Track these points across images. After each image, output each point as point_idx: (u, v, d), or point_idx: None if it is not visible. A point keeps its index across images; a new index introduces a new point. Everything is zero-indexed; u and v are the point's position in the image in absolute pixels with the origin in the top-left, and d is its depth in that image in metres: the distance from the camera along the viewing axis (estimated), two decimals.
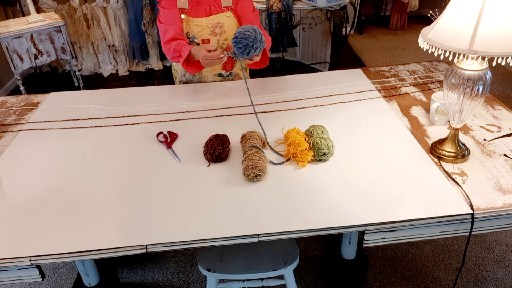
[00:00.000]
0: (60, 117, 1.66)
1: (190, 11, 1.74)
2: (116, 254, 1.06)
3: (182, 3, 1.73)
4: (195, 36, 1.77)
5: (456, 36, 1.09)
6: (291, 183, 1.24)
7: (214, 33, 1.76)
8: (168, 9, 1.73)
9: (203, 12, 1.74)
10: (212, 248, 1.46)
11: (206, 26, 1.75)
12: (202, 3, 1.74)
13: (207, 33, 1.76)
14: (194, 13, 1.74)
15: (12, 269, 1.08)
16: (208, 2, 1.74)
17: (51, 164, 1.38)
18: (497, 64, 1.07)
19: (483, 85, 1.16)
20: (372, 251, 2.06)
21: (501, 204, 1.13)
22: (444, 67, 1.94)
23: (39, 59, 3.28)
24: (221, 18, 1.75)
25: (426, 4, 5.14)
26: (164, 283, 1.95)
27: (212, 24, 1.75)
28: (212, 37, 1.77)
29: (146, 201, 1.20)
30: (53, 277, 2.01)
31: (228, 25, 1.77)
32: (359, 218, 1.10)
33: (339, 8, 3.40)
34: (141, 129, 1.56)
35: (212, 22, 1.74)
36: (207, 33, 1.76)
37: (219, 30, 1.76)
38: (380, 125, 1.50)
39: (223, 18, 1.75)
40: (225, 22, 1.76)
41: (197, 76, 1.90)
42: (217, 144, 1.33)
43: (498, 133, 1.44)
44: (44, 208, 1.19)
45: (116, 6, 3.96)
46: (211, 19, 1.74)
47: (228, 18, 1.76)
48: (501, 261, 2.00)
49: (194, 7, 1.74)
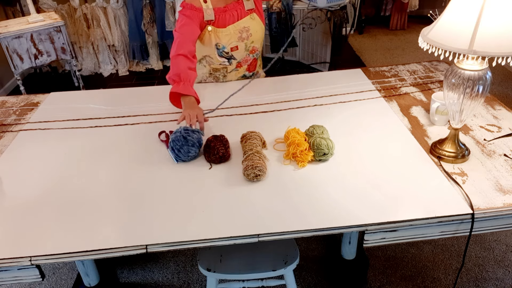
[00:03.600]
0: (60, 117, 1.66)
1: (217, 22, 1.70)
2: (116, 254, 1.06)
3: (209, 14, 1.68)
4: (224, 46, 1.75)
5: (456, 36, 1.09)
6: (291, 183, 1.24)
7: (241, 38, 1.75)
8: (189, 19, 1.64)
9: (231, 19, 1.72)
10: (212, 248, 1.46)
11: (234, 33, 1.73)
12: (229, 10, 1.71)
13: (235, 40, 1.74)
14: (221, 22, 1.71)
15: (12, 269, 1.08)
16: (234, 7, 1.72)
17: (51, 164, 1.38)
18: (497, 64, 1.07)
19: (483, 85, 1.16)
20: (372, 251, 2.06)
21: (501, 204, 1.13)
22: (444, 67, 1.94)
23: (39, 59, 3.28)
24: (247, 22, 1.73)
25: (426, 4, 5.14)
26: (164, 283, 1.95)
27: (239, 30, 1.73)
28: (240, 43, 1.76)
29: (146, 201, 1.20)
30: (53, 277, 2.01)
31: (254, 27, 1.76)
32: (359, 218, 1.10)
33: (339, 8, 3.40)
34: (141, 129, 1.56)
35: (238, 27, 1.72)
36: (235, 40, 1.74)
37: (246, 34, 1.75)
38: (380, 125, 1.50)
39: (248, 22, 1.74)
40: (250, 25, 1.75)
41: (221, 79, 1.89)
42: (218, 145, 1.33)
43: (498, 133, 1.44)
44: (44, 208, 1.19)
45: (116, 6, 3.96)
46: (237, 25, 1.72)
47: (253, 20, 1.75)
48: (501, 261, 2.00)
49: (221, 16, 1.70)
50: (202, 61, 1.83)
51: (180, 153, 1.33)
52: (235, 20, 1.72)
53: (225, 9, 1.70)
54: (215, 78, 1.89)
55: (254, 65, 1.91)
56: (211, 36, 1.71)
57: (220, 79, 1.89)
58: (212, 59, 1.80)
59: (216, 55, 1.78)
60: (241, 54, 1.80)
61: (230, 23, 1.71)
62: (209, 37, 1.72)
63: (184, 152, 1.33)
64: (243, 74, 1.90)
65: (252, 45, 1.80)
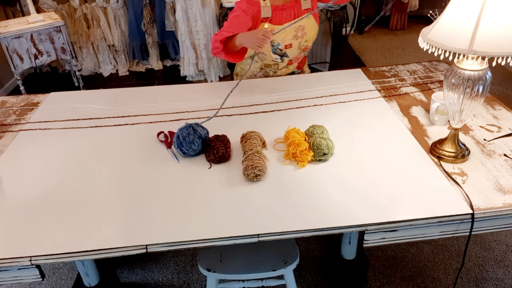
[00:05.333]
0: (60, 117, 1.67)
1: (274, 19, 1.72)
2: (116, 254, 1.06)
3: (266, 12, 1.71)
4: (279, 43, 1.77)
5: (456, 36, 1.09)
6: (291, 183, 1.24)
7: (296, 36, 1.77)
8: (244, 13, 1.67)
9: (288, 17, 1.74)
10: (212, 248, 1.46)
11: (289, 31, 1.75)
12: (287, 8, 1.73)
13: (290, 38, 1.77)
14: (278, 20, 1.73)
15: (12, 269, 1.08)
16: (291, 6, 1.74)
17: (51, 164, 1.38)
18: (497, 64, 1.07)
19: (483, 85, 1.16)
20: (372, 251, 2.06)
21: (501, 204, 1.13)
22: (444, 67, 1.94)
23: (39, 59, 3.28)
24: (303, 21, 1.74)
25: (426, 4, 5.14)
26: (164, 283, 1.95)
27: (295, 28, 1.75)
28: (294, 41, 1.78)
29: (146, 201, 1.20)
30: (53, 277, 2.01)
31: (309, 27, 1.78)
32: (359, 218, 1.10)
33: (339, 8, 3.40)
34: (141, 129, 1.56)
35: (295, 26, 1.74)
36: (289, 38, 1.77)
37: (301, 33, 1.77)
38: (380, 125, 1.50)
39: (304, 21, 1.75)
40: (306, 24, 1.76)
41: (271, 74, 1.92)
42: (219, 144, 1.33)
43: (498, 133, 1.44)
44: (44, 208, 1.19)
45: (116, 6, 3.96)
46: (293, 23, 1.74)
47: (308, 19, 1.76)
48: (501, 261, 2.00)
49: (278, 14, 1.72)
50: (254, 57, 1.85)
51: (185, 142, 1.33)
52: (291, 19, 1.74)
53: (283, 7, 1.73)
54: (265, 73, 1.93)
55: (303, 63, 1.94)
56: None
57: (270, 75, 1.93)
58: (265, 56, 1.83)
59: (270, 52, 1.80)
60: (294, 52, 1.84)
61: (287, 21, 1.74)
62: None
63: (187, 142, 1.33)
64: (292, 71, 1.94)
65: (305, 44, 1.83)
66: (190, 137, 1.33)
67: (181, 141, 1.34)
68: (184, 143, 1.33)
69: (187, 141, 1.33)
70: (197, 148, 1.35)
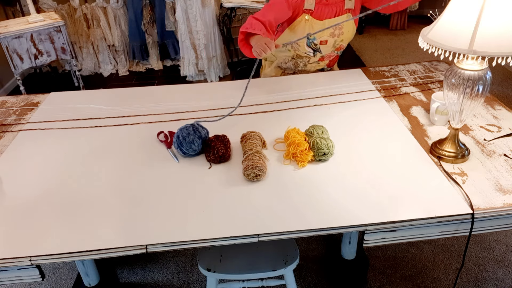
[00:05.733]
0: (60, 117, 1.67)
1: (315, 13, 1.73)
2: (116, 254, 1.06)
3: (310, 4, 1.71)
4: (315, 38, 1.77)
5: (456, 36, 1.09)
6: (291, 183, 1.24)
7: (333, 34, 1.78)
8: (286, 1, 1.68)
9: (330, 13, 1.74)
10: (212, 248, 1.46)
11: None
12: (330, 4, 1.73)
13: (327, 34, 1.77)
14: (319, 15, 1.73)
15: (12, 269, 1.08)
16: (335, 3, 1.73)
17: (51, 164, 1.38)
18: (497, 64, 1.07)
19: (483, 85, 1.16)
20: (372, 251, 2.06)
21: (501, 204, 1.13)
22: (444, 67, 1.94)
23: (39, 59, 3.28)
24: (342, 19, 1.74)
25: (426, 4, 5.14)
26: (164, 283, 1.95)
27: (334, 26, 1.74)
28: (330, 38, 1.79)
29: (146, 201, 1.20)
30: (53, 277, 2.01)
31: (347, 27, 1.78)
32: (359, 218, 1.10)
33: None
34: (141, 129, 1.56)
35: (332, 23, 1.73)
36: (326, 34, 1.77)
37: (338, 32, 1.77)
38: (380, 125, 1.50)
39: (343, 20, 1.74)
40: (345, 24, 1.76)
41: (301, 66, 1.93)
42: (219, 144, 1.33)
43: (498, 133, 1.44)
44: (44, 208, 1.19)
45: (116, 6, 3.96)
46: (333, 21, 1.74)
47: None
48: (501, 261, 2.00)
49: (320, 9, 1.73)
50: (288, 46, 1.85)
51: (185, 142, 1.33)
52: (332, 16, 1.74)
53: (327, 3, 1.73)
54: (295, 64, 1.93)
55: (334, 61, 1.95)
56: (306, 25, 1.74)
57: (299, 67, 1.93)
58: (299, 46, 1.83)
59: (305, 44, 1.81)
60: (328, 49, 1.84)
61: (327, 17, 1.74)
62: (303, 26, 1.75)
63: (187, 142, 1.33)
64: (322, 67, 1.95)
65: (340, 43, 1.84)
66: (190, 137, 1.33)
67: (181, 141, 1.34)
68: (184, 143, 1.33)
69: (187, 141, 1.33)
70: (197, 148, 1.35)
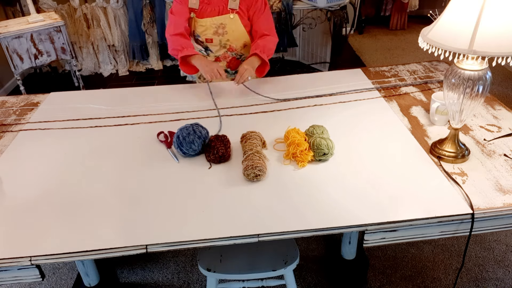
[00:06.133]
0: (60, 117, 1.67)
1: (199, 12, 1.78)
2: (116, 254, 1.06)
3: (193, 3, 1.77)
4: (199, 35, 1.83)
5: (456, 36, 1.09)
6: (291, 183, 1.24)
7: (217, 33, 1.81)
8: (180, 3, 1.78)
9: (212, 12, 1.78)
10: (212, 248, 1.46)
11: (210, 26, 1.80)
12: (212, 4, 1.77)
13: (210, 33, 1.81)
14: (202, 13, 1.79)
15: (12, 269, 1.08)
16: (217, 2, 1.77)
17: (51, 164, 1.38)
18: (497, 64, 1.07)
19: (483, 85, 1.16)
20: (372, 251, 2.06)
21: (501, 204, 1.13)
22: (444, 67, 1.94)
23: (39, 59, 3.28)
24: (225, 19, 1.79)
25: (426, 4, 5.14)
26: (164, 283, 1.95)
27: (216, 25, 1.79)
28: (215, 37, 1.83)
29: (146, 201, 1.20)
30: (53, 277, 2.01)
31: (231, 27, 1.81)
32: (359, 218, 1.10)
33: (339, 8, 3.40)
34: (141, 129, 1.56)
35: (216, 22, 1.79)
36: (210, 33, 1.81)
37: (222, 31, 1.81)
38: (380, 125, 1.50)
39: (227, 20, 1.79)
40: (228, 23, 1.80)
41: None
42: (219, 144, 1.33)
43: (498, 133, 1.44)
44: (44, 208, 1.19)
45: (116, 6, 3.96)
46: (216, 19, 1.78)
47: (231, 20, 1.79)
48: (501, 261, 2.00)
49: (204, 8, 1.78)
50: None
51: (185, 142, 1.33)
52: (214, 15, 1.79)
53: (209, 2, 1.77)
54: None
55: (235, 64, 1.95)
56: (192, 23, 1.82)
57: None
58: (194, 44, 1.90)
59: (194, 42, 1.89)
60: (217, 48, 1.88)
61: (210, 15, 1.79)
62: (192, 24, 1.83)
63: (187, 142, 1.33)
64: (225, 69, 1.96)
65: (228, 43, 1.86)
66: (190, 137, 1.33)
67: (181, 141, 1.34)
68: (184, 143, 1.34)
69: (187, 141, 1.33)
70: (197, 148, 1.35)
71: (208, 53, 1.91)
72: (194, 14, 1.79)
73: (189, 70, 1.82)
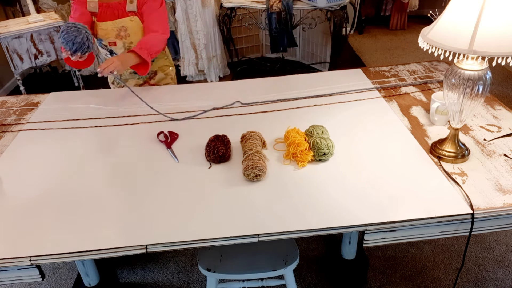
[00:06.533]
0: (60, 117, 1.67)
1: (99, 15, 1.79)
2: (116, 254, 1.06)
3: (92, 7, 1.77)
4: (102, 39, 1.84)
5: (456, 36, 1.09)
6: (291, 183, 1.24)
7: (119, 36, 1.82)
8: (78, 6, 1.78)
9: (112, 15, 1.79)
10: (212, 248, 1.46)
11: (112, 29, 1.80)
12: (111, 7, 1.78)
13: (113, 36, 1.82)
14: (103, 17, 1.79)
15: (12, 269, 1.08)
16: (116, 6, 1.78)
17: (51, 164, 1.38)
18: (497, 64, 1.07)
19: (483, 85, 1.16)
20: (372, 251, 2.06)
21: (501, 204, 1.13)
22: (444, 67, 1.94)
23: (39, 59, 3.28)
24: (126, 22, 1.79)
25: (426, 4, 5.14)
26: (164, 283, 1.95)
27: (117, 28, 1.80)
28: (118, 40, 1.83)
29: (146, 201, 1.20)
30: (53, 277, 2.01)
31: (132, 29, 1.81)
32: (359, 218, 1.10)
33: (339, 8, 3.40)
34: (141, 129, 1.56)
35: (117, 26, 1.80)
36: (112, 36, 1.82)
37: (124, 34, 1.81)
38: (380, 125, 1.50)
39: (127, 23, 1.80)
40: (129, 26, 1.80)
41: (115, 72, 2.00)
42: (219, 144, 1.33)
43: (498, 133, 1.44)
44: (44, 208, 1.19)
45: None
46: (116, 23, 1.79)
47: (132, 22, 1.80)
48: (501, 261, 2.00)
49: (103, 11, 1.78)
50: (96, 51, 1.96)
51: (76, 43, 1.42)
52: (114, 18, 1.79)
53: (108, 5, 1.78)
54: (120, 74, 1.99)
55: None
56: (94, 27, 1.82)
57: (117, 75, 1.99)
58: (99, 52, 1.93)
59: (98, 46, 1.90)
60: (121, 51, 1.88)
61: (110, 19, 1.79)
62: (94, 27, 1.83)
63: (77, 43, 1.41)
64: (133, 71, 1.94)
65: (132, 45, 1.85)
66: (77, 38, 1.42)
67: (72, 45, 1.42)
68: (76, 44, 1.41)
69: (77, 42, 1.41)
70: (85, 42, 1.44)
71: (114, 55, 1.89)
72: (95, 18, 1.79)
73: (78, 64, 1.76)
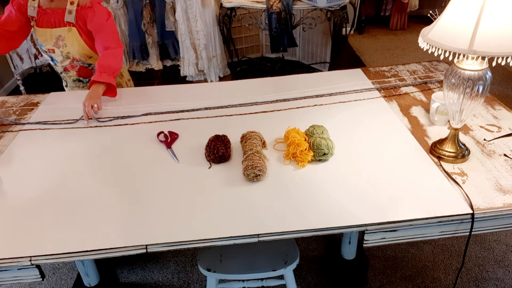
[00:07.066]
0: (60, 117, 1.67)
1: (38, 21, 1.78)
2: (116, 254, 1.06)
3: (32, 11, 1.77)
4: (42, 44, 1.83)
5: (456, 36, 1.09)
6: (291, 183, 1.24)
7: (57, 44, 1.81)
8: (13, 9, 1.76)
9: (49, 23, 1.78)
10: (212, 248, 1.46)
11: (50, 37, 1.80)
12: (49, 14, 1.77)
13: (51, 44, 1.81)
14: (41, 23, 1.79)
15: (12, 269, 1.08)
16: (54, 14, 1.77)
17: (51, 164, 1.38)
18: (497, 64, 1.07)
19: (483, 85, 1.16)
20: (372, 251, 2.06)
21: (501, 204, 1.13)
22: (444, 67, 1.94)
23: (39, 59, 3.28)
24: (63, 32, 1.79)
25: (426, 4, 5.14)
26: (164, 283, 1.95)
27: (55, 36, 1.80)
28: (56, 48, 1.83)
29: (146, 201, 1.20)
30: (53, 277, 2.01)
31: (69, 40, 1.80)
32: (359, 218, 1.10)
33: (339, 8, 3.39)
34: (141, 129, 1.56)
35: (55, 34, 1.79)
36: (50, 43, 1.81)
37: (62, 43, 1.81)
38: (380, 125, 1.50)
39: (64, 32, 1.79)
40: (66, 36, 1.79)
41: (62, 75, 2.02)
42: (219, 144, 1.33)
43: (498, 133, 1.44)
44: (44, 208, 1.19)
45: (116, 6, 3.96)
46: (54, 31, 1.79)
47: (69, 33, 1.79)
48: (501, 261, 2.00)
49: (42, 17, 1.78)
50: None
51: None
52: (51, 26, 1.79)
53: (45, 12, 1.77)
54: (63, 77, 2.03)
55: (86, 72, 1.96)
56: (33, 31, 1.82)
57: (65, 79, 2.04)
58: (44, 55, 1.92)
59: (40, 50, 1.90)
60: (61, 59, 1.87)
61: (48, 26, 1.79)
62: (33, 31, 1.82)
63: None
64: (77, 78, 1.98)
65: (69, 55, 1.86)
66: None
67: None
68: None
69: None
70: None
71: (55, 62, 1.90)
72: (34, 23, 1.78)
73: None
